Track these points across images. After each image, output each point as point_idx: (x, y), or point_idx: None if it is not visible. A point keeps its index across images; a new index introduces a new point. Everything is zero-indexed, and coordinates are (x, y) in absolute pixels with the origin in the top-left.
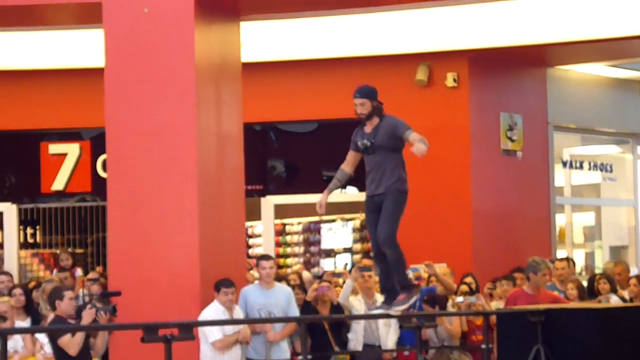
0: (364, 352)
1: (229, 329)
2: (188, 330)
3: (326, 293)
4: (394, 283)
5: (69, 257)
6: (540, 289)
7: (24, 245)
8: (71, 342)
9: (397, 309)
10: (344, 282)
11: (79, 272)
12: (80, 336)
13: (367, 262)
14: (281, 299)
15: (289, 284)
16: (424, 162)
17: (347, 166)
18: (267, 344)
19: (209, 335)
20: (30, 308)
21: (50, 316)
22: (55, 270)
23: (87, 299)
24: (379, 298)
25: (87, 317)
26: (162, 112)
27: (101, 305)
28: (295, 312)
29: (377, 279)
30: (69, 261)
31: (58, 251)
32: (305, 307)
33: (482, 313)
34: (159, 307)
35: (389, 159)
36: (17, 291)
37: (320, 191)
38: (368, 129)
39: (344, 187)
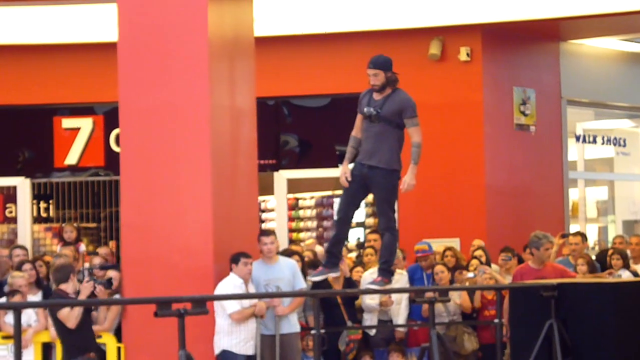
0: (377, 328)
1: (246, 301)
2: (202, 304)
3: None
4: (339, 250)
5: (73, 230)
6: (545, 263)
7: (37, 219)
8: (70, 315)
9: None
10: (358, 257)
11: (82, 247)
12: (78, 309)
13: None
14: (286, 273)
15: (302, 259)
16: (437, 136)
17: (358, 131)
18: (276, 318)
19: (226, 306)
20: (41, 282)
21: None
22: (59, 246)
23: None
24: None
25: (85, 290)
26: (175, 87)
27: (98, 278)
28: (301, 283)
29: None
30: (73, 234)
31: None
32: (319, 281)
33: (494, 288)
34: (172, 282)
35: (389, 134)
36: (27, 266)
37: (333, 165)
38: (377, 96)
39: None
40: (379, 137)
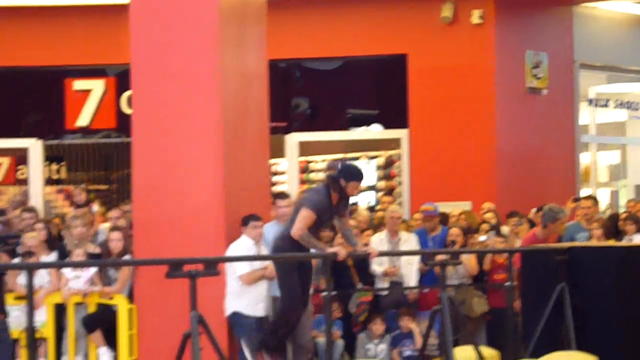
0: (388, 290)
1: (257, 263)
2: (213, 265)
3: None
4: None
5: (82, 192)
6: (553, 237)
7: (48, 181)
8: None
9: None
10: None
11: (95, 207)
12: None
13: (387, 198)
14: None
15: None
16: (448, 100)
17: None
18: None
19: (237, 268)
20: (54, 243)
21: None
22: (72, 209)
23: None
24: (404, 236)
25: None
26: (186, 49)
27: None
28: None
29: (400, 213)
30: (82, 196)
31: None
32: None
33: (506, 251)
34: (183, 244)
35: None
36: (39, 226)
37: (345, 128)
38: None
39: (368, 124)
40: None
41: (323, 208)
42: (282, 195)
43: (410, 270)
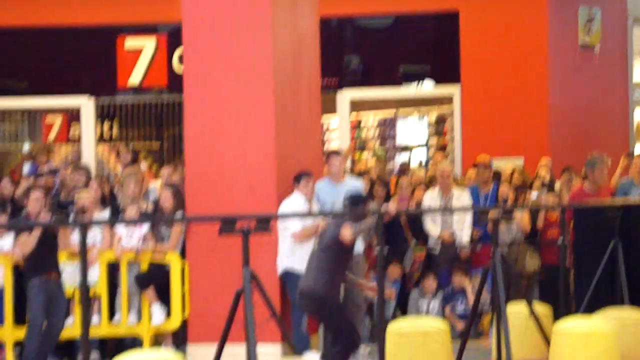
0: (440, 248)
1: (309, 220)
2: (265, 223)
3: None
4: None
5: (128, 152)
6: (600, 186)
7: (101, 139)
8: (23, 243)
9: None
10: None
11: (142, 165)
12: (33, 238)
13: (439, 155)
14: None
15: (371, 182)
16: (501, 56)
17: None
18: None
19: (289, 225)
20: (107, 201)
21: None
22: (120, 168)
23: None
24: (456, 193)
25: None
26: (238, 6)
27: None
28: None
29: (449, 170)
30: (129, 156)
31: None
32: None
33: (558, 207)
34: (235, 202)
35: None
36: (93, 184)
37: (396, 85)
38: None
39: (420, 81)
40: None
41: None
42: (336, 153)
43: (461, 228)
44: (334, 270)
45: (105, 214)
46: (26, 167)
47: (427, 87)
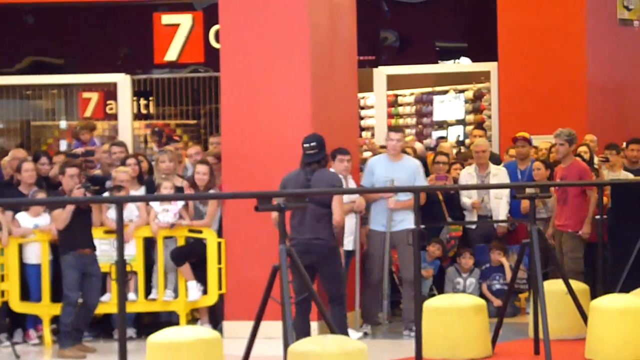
0: (477, 224)
1: (345, 197)
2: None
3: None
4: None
5: (162, 133)
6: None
7: (137, 116)
8: (58, 216)
9: None
10: (458, 154)
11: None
12: (67, 213)
13: (477, 132)
14: (407, 172)
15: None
16: (539, 31)
17: None
18: (388, 213)
19: None
20: (143, 177)
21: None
22: (155, 146)
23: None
24: (493, 170)
25: (75, 195)
26: None
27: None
28: (422, 184)
29: (485, 147)
30: (163, 139)
31: (170, 122)
32: None
33: (595, 184)
34: (271, 178)
35: None
36: (131, 161)
37: (433, 62)
38: None
39: (457, 57)
40: None
41: None
42: (395, 129)
43: (498, 204)
44: (331, 224)
45: (142, 190)
46: (63, 145)
47: (464, 63)
